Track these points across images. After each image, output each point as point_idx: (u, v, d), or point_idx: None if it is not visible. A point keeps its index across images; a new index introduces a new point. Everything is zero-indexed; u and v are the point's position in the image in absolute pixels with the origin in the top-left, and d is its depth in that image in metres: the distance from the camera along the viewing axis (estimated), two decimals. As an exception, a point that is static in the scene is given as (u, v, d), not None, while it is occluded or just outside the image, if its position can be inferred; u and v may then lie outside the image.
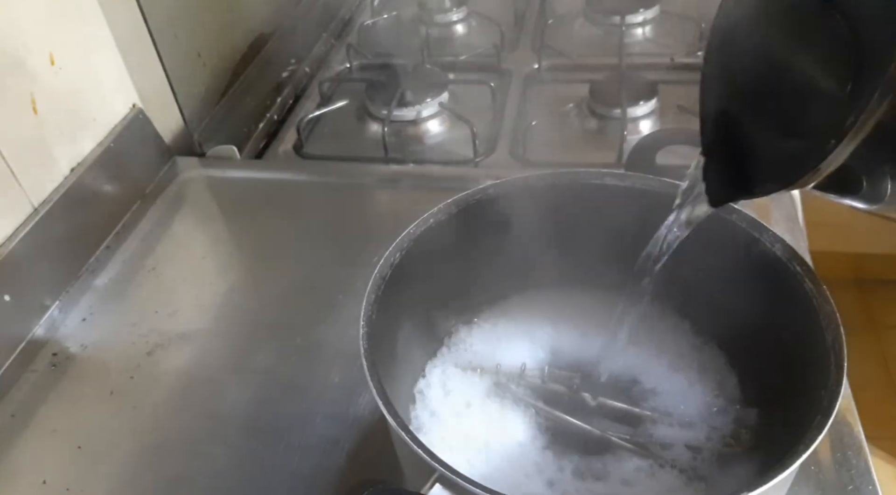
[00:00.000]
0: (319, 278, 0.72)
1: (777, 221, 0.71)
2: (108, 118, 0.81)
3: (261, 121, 0.96)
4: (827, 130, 0.31)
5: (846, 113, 0.30)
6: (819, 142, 0.32)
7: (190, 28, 0.91)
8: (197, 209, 0.84)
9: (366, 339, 0.43)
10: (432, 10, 1.14)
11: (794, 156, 0.34)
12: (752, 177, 0.38)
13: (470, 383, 0.54)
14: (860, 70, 0.31)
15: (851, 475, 0.52)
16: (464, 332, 0.58)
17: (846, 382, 0.40)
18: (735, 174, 0.40)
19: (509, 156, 0.87)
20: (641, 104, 0.90)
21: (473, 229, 0.53)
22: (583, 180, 0.54)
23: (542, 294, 0.59)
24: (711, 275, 0.49)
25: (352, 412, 0.59)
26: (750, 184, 0.38)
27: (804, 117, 0.35)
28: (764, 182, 0.38)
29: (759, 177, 0.38)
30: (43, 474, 0.57)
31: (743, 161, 0.39)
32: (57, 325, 0.69)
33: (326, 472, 0.55)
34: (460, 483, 0.36)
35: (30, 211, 0.70)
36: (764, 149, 0.38)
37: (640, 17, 1.09)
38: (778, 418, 0.49)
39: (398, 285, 0.48)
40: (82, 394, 0.63)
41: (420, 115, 0.93)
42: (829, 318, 0.42)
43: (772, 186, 0.37)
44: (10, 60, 0.67)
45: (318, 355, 0.64)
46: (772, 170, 0.37)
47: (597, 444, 0.50)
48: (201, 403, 0.62)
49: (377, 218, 0.82)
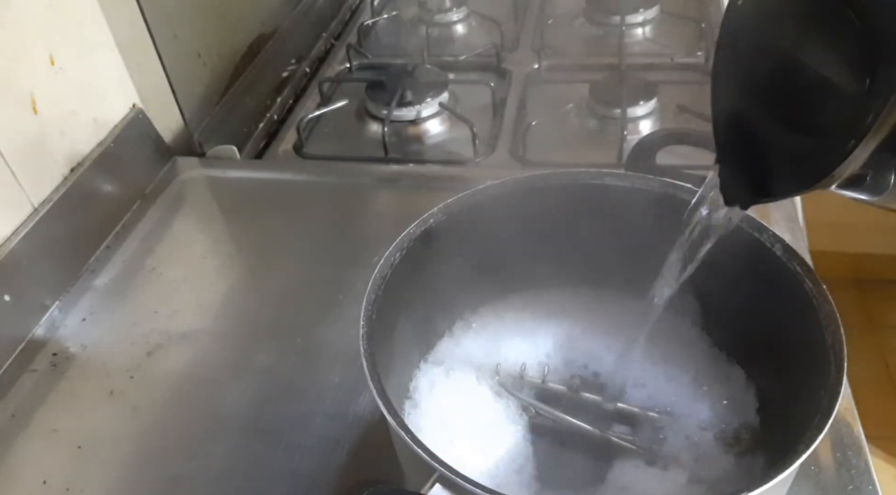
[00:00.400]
0: (319, 278, 0.72)
1: (777, 221, 0.71)
2: (108, 118, 0.81)
3: (261, 121, 0.96)
4: (844, 130, 0.30)
5: (864, 111, 0.29)
6: (837, 143, 0.31)
7: (190, 28, 0.91)
8: (197, 209, 0.84)
9: (366, 339, 0.43)
10: (432, 10, 1.14)
11: (812, 157, 0.33)
12: (770, 180, 0.37)
13: (470, 383, 0.54)
14: (877, 66, 0.30)
15: (851, 475, 0.52)
16: (463, 332, 0.58)
17: (846, 382, 0.40)
18: (752, 177, 0.39)
19: (509, 156, 0.87)
20: (641, 104, 0.90)
21: (473, 229, 0.53)
22: (583, 180, 0.54)
23: (541, 294, 0.59)
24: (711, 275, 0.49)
25: (352, 412, 0.59)
26: (768, 187, 0.37)
27: (820, 116, 0.34)
28: (783, 185, 0.37)
29: (778, 180, 0.37)
30: (43, 474, 0.57)
31: (759, 163, 0.38)
32: (57, 325, 0.69)
33: (326, 472, 0.55)
34: (460, 483, 0.36)
35: (30, 211, 0.70)
36: (780, 151, 0.37)
37: (640, 17, 1.09)
38: (778, 418, 0.49)
39: (398, 285, 0.48)
40: (82, 394, 0.63)
41: (420, 115, 0.93)
42: (828, 318, 0.42)
43: (792, 189, 0.36)
44: (10, 60, 0.67)
45: (318, 355, 0.64)
46: (791, 173, 0.36)
47: (597, 444, 0.50)
48: (201, 403, 0.62)
49: (377, 218, 0.82)
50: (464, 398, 0.53)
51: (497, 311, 0.59)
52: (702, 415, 0.51)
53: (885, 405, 1.59)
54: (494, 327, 0.58)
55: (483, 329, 0.58)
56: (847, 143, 0.30)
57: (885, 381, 1.65)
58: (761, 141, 0.38)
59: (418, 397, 0.53)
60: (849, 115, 0.30)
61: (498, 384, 0.53)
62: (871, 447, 0.53)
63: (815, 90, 0.34)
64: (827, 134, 0.33)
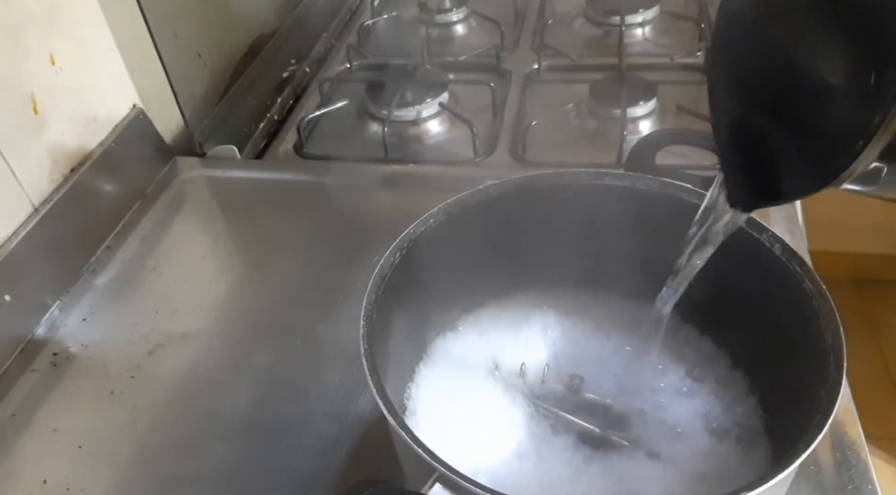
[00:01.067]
0: (319, 278, 0.72)
1: (777, 221, 0.71)
2: (109, 118, 0.81)
3: (261, 121, 0.96)
4: (849, 129, 0.30)
5: (869, 111, 0.29)
6: (845, 143, 0.30)
7: (190, 28, 0.91)
8: (197, 209, 0.84)
9: (366, 339, 0.43)
10: (432, 11, 1.14)
11: (818, 159, 0.33)
12: (777, 182, 0.37)
13: (470, 382, 0.54)
14: (881, 64, 0.29)
15: (851, 475, 0.52)
16: (463, 332, 0.58)
17: (846, 382, 0.40)
18: (757, 180, 0.38)
19: (509, 156, 0.87)
20: (641, 104, 0.90)
21: (473, 229, 0.53)
22: (583, 180, 0.54)
23: (542, 294, 0.59)
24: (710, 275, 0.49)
25: (352, 412, 0.59)
26: (775, 189, 0.36)
27: (821, 116, 0.33)
28: (791, 186, 0.36)
29: (785, 182, 0.36)
30: (43, 474, 0.57)
31: (763, 166, 0.37)
32: (57, 325, 0.69)
33: (326, 472, 0.55)
34: (460, 482, 0.36)
35: (30, 211, 0.70)
36: (784, 152, 0.36)
37: (640, 18, 1.09)
38: (778, 418, 0.49)
39: (398, 285, 0.48)
40: (83, 394, 0.63)
41: (420, 115, 0.93)
42: (828, 318, 0.42)
43: (800, 191, 0.35)
44: (10, 60, 0.67)
45: (318, 355, 0.64)
46: (798, 174, 0.35)
47: (597, 444, 0.50)
48: (201, 403, 0.62)
49: (377, 218, 0.82)
50: (464, 398, 0.53)
51: (497, 311, 0.59)
52: (702, 415, 0.51)
53: (885, 405, 1.59)
54: (494, 327, 0.58)
55: (483, 329, 0.58)
56: (855, 144, 0.29)
57: (885, 381, 1.65)
58: (764, 142, 0.37)
59: (418, 397, 0.54)
60: (853, 113, 0.30)
61: (498, 384, 0.53)
62: (871, 447, 0.53)
63: (814, 91, 0.34)
64: (831, 133, 0.32)
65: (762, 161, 0.38)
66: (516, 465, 0.49)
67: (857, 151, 0.29)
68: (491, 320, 0.58)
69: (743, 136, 0.39)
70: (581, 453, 0.50)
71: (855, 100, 0.30)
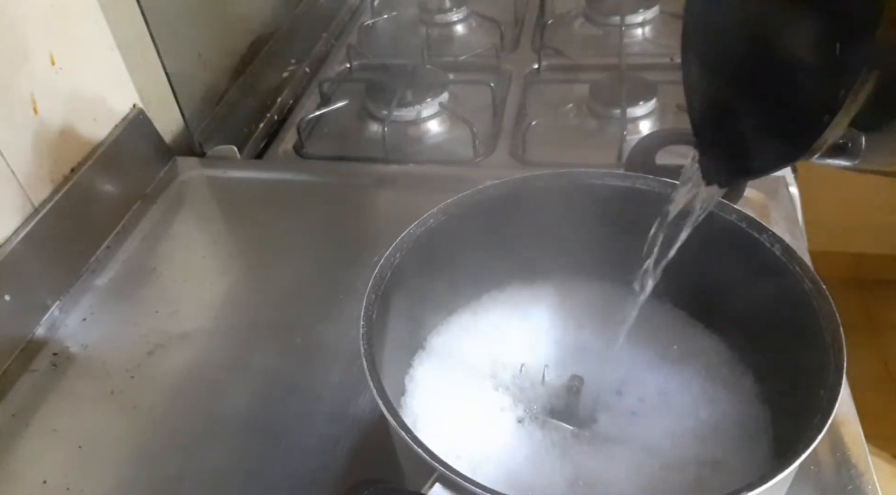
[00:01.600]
0: (319, 278, 0.72)
1: (777, 221, 0.71)
2: (109, 118, 0.81)
3: (261, 121, 0.96)
4: (818, 104, 0.30)
5: (835, 85, 0.29)
6: (812, 117, 0.30)
7: (190, 28, 0.91)
8: (197, 209, 0.84)
9: (366, 339, 0.43)
10: (432, 11, 1.14)
11: (789, 134, 0.33)
12: (749, 157, 0.37)
13: (470, 382, 0.54)
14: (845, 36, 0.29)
15: (851, 475, 0.52)
16: (463, 331, 0.58)
17: (846, 382, 0.40)
18: (731, 158, 0.39)
19: (509, 157, 0.87)
20: (641, 104, 0.90)
21: (473, 229, 0.53)
22: (583, 180, 0.54)
23: (542, 294, 0.59)
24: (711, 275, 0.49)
25: (352, 412, 0.59)
26: (748, 165, 0.38)
27: (791, 91, 0.34)
28: (761, 161, 0.37)
29: (756, 157, 0.37)
30: (43, 474, 0.57)
31: (737, 141, 0.38)
32: (57, 325, 0.69)
33: (326, 472, 0.55)
34: (460, 482, 0.36)
35: (30, 210, 0.70)
36: (756, 127, 0.37)
37: (640, 18, 1.09)
38: (777, 418, 0.49)
39: (398, 285, 0.48)
40: (82, 394, 0.63)
41: (420, 115, 0.93)
42: (828, 318, 0.42)
43: (769, 165, 0.36)
44: (10, 60, 0.67)
45: (318, 355, 0.64)
46: (768, 148, 0.36)
47: (596, 443, 0.50)
48: (201, 403, 0.62)
49: (377, 218, 0.82)
50: (464, 397, 0.53)
51: (496, 311, 0.59)
52: (702, 414, 0.51)
53: (885, 405, 1.59)
54: (493, 327, 0.58)
55: (482, 328, 0.58)
56: (822, 117, 0.30)
57: (885, 381, 1.65)
58: (736, 118, 0.38)
59: (418, 397, 0.53)
60: (821, 87, 0.30)
61: (497, 383, 0.53)
62: (871, 447, 0.53)
63: (784, 68, 0.34)
64: (801, 108, 0.33)
65: (736, 138, 0.38)
66: (515, 464, 0.49)
67: (825, 125, 0.30)
68: (491, 320, 0.58)
69: (716, 114, 0.40)
70: (580, 454, 0.50)
71: (822, 73, 0.31)
